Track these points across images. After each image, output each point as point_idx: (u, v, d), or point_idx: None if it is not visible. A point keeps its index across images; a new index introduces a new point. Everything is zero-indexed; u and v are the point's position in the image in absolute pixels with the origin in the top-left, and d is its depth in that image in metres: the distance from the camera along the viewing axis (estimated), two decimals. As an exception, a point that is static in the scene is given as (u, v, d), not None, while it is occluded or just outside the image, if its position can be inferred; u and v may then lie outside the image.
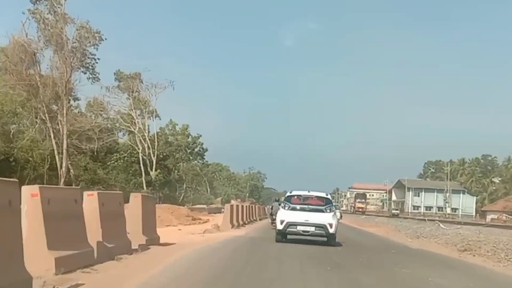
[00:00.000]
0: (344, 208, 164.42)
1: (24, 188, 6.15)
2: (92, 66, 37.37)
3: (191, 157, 56.86)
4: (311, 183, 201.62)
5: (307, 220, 14.52)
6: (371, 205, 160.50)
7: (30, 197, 6.10)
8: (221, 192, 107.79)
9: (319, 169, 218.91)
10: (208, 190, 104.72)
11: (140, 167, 44.13)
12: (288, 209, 14.95)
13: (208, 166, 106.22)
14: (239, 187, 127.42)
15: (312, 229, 14.58)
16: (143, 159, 45.16)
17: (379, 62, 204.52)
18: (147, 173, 45.44)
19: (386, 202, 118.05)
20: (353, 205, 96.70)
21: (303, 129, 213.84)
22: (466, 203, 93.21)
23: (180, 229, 21.83)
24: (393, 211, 76.17)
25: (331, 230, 14.55)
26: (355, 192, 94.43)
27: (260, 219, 37.18)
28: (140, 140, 46.50)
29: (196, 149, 57.26)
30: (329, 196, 15.92)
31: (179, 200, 62.54)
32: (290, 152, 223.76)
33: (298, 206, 14.99)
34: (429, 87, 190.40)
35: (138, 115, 53.10)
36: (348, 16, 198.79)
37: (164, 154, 50.30)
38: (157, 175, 45.80)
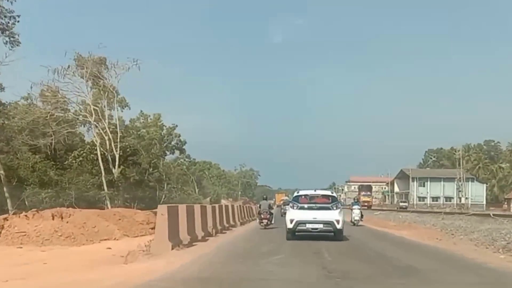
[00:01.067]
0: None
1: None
2: (7, 26, 28.48)
3: (167, 152, 48.94)
4: (306, 179, 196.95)
5: (315, 218, 15.44)
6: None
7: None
8: (210, 191, 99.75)
9: (314, 164, 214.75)
10: (196, 189, 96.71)
11: (100, 164, 36.20)
12: (296, 209, 15.95)
13: (196, 164, 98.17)
14: (230, 185, 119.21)
15: (321, 226, 15.45)
16: (104, 154, 37.21)
17: (370, 53, 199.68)
18: (110, 172, 37.54)
19: (388, 195, 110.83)
20: (357, 198, 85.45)
21: (296, 124, 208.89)
22: (475, 192, 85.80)
23: (109, 248, 14.12)
24: (401, 204, 68.21)
25: (339, 226, 15.40)
26: (358, 184, 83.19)
27: (253, 219, 31.50)
28: (99, 132, 38.53)
29: (172, 142, 49.38)
30: (334, 194, 17.41)
31: (160, 202, 54.73)
32: (283, 148, 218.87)
33: (306, 205, 15.95)
34: (421, 77, 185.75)
35: (104, 106, 45.21)
36: (337, 10, 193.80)
37: (134, 148, 42.29)
38: (121, 173, 37.79)
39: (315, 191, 16.88)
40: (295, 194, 17.35)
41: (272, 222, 22.95)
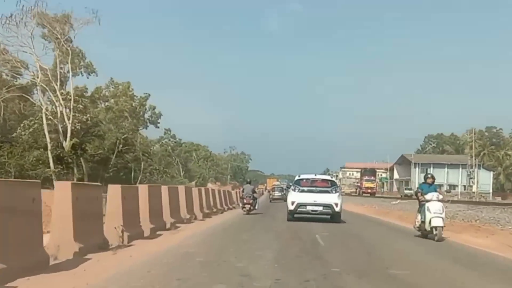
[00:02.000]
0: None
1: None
2: None
3: (139, 126, 41.86)
4: (299, 164, 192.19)
5: (315, 201, 16.25)
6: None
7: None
8: (197, 174, 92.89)
9: (308, 151, 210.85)
10: (182, 172, 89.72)
11: (46, 135, 29.21)
12: (298, 191, 16.73)
13: (182, 145, 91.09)
14: (219, 169, 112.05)
15: (320, 208, 16.24)
16: (54, 125, 30.19)
17: (365, 42, 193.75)
18: (61, 146, 30.57)
19: (386, 181, 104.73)
20: (359, 185, 76.32)
21: (290, 109, 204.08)
22: (482, 180, 79.42)
23: None
24: (406, 191, 61.28)
25: (337, 209, 16.22)
26: (360, 169, 74.44)
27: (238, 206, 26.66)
28: (58, 99, 31.41)
29: (146, 115, 42.37)
30: (334, 179, 19.23)
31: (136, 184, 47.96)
32: (277, 134, 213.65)
33: (306, 188, 16.75)
34: (420, 64, 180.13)
35: (68, 72, 38.14)
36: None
37: (95, 120, 35.17)
38: (73, 147, 30.79)
39: (315, 175, 17.90)
40: (297, 178, 17.80)
41: (256, 207, 21.79)
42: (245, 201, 21.13)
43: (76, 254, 7.09)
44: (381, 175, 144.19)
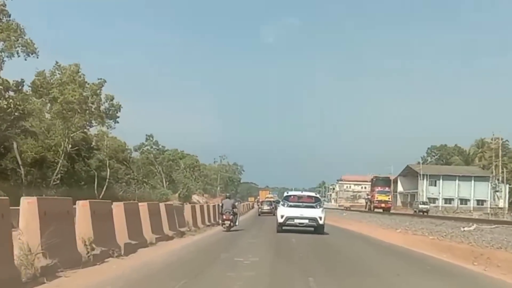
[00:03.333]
0: (333, 203, 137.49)
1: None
2: None
3: (92, 120, 33.46)
4: (294, 177, 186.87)
5: (302, 215, 18.35)
6: (363, 198, 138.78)
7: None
8: (182, 185, 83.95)
9: (303, 163, 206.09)
10: (165, 183, 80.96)
11: None
12: (287, 206, 18.83)
13: (164, 153, 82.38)
14: (208, 179, 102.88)
15: (306, 221, 18.39)
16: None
17: (363, 55, 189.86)
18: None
19: (390, 195, 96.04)
20: (369, 197, 58.75)
21: (285, 123, 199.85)
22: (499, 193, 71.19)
23: None
24: (421, 206, 52.48)
25: (321, 222, 18.39)
26: (372, 176, 60.31)
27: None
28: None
29: (102, 107, 33.97)
30: (318, 195, 20.89)
31: (99, 197, 39.61)
32: (271, 146, 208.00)
33: (294, 204, 18.82)
34: (415, 77, 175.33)
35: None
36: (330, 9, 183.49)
37: (22, 110, 26.52)
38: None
39: (302, 192, 21.94)
40: (285, 194, 20.61)
41: (236, 224, 20.53)
42: (224, 217, 19.86)
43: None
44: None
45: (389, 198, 48.66)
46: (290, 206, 18.56)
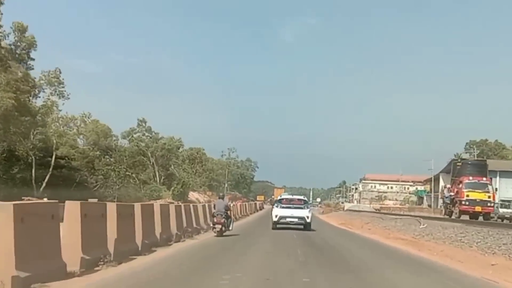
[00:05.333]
0: (349, 204, 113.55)
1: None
2: None
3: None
4: (315, 176, 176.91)
5: (292, 214, 22.21)
6: (389, 200, 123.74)
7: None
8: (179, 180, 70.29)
9: (324, 163, 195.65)
10: (158, 178, 67.60)
11: None
12: (280, 208, 22.61)
13: (158, 142, 68.93)
14: (214, 175, 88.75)
15: (296, 220, 22.26)
16: None
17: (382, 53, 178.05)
18: None
19: (424, 196, 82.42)
20: (450, 194, 30.34)
21: (305, 122, 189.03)
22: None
23: None
24: (502, 211, 36.27)
25: (308, 220, 22.23)
26: (457, 160, 36.70)
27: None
28: None
29: (6, 41, 21.05)
30: (305, 198, 24.58)
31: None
32: (289, 143, 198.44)
33: (285, 205, 22.72)
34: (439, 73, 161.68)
35: None
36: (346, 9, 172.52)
37: None
38: None
39: (292, 196, 24.92)
40: (279, 197, 25.71)
41: (230, 228, 18.12)
42: (215, 220, 17.39)
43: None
44: (407, 188, 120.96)
45: (490, 197, 25.05)
46: (283, 207, 22.60)
